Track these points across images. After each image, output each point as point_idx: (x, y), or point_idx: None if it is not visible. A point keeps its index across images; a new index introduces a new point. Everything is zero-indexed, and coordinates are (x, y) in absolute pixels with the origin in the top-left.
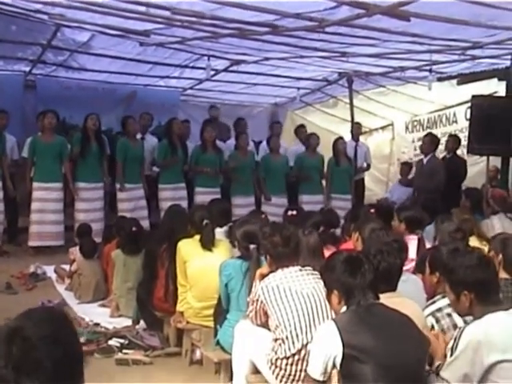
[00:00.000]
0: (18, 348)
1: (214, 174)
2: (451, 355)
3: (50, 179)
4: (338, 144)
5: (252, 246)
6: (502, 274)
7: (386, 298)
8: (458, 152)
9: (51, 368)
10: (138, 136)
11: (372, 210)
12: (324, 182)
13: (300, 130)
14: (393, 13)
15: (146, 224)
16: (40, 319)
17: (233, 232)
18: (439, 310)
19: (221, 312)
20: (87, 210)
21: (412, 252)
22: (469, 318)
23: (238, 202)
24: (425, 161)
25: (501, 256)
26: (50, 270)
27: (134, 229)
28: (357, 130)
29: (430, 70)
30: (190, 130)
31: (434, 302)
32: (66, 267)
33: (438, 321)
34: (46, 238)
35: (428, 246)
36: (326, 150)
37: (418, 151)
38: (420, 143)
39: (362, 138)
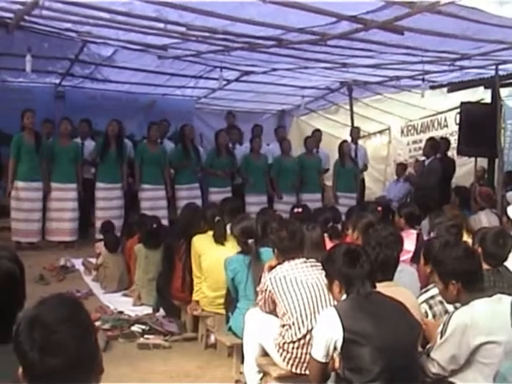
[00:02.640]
0: (38, 333)
1: (225, 176)
2: (441, 338)
3: (66, 180)
4: (344, 147)
5: (250, 241)
6: (483, 265)
7: (383, 287)
8: (449, 153)
9: (74, 347)
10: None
11: (379, 208)
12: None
13: (315, 134)
14: (388, 27)
15: (165, 222)
16: (55, 305)
17: (232, 229)
18: (432, 297)
19: (231, 301)
20: (106, 208)
21: (411, 244)
22: (458, 305)
23: (252, 200)
24: (426, 162)
25: (479, 248)
26: (78, 263)
27: (154, 225)
28: (355, 133)
29: (423, 79)
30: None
31: (427, 291)
32: (93, 260)
33: (431, 307)
34: (64, 234)
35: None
36: (329, 152)
37: (413, 153)
38: (414, 146)
39: (360, 141)
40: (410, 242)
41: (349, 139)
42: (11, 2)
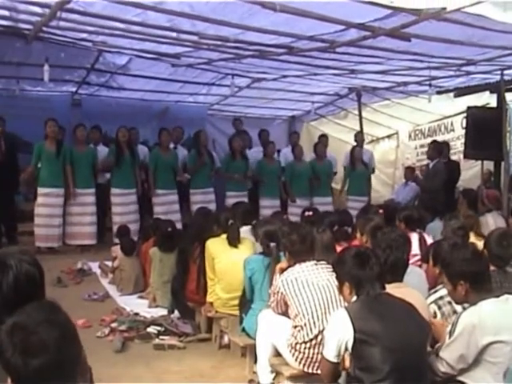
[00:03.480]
0: (18, 337)
1: (241, 180)
2: (449, 338)
3: (85, 185)
4: (355, 151)
5: (272, 244)
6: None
7: (393, 288)
8: (455, 157)
9: (54, 347)
10: (171, 146)
11: (381, 211)
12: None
13: (322, 139)
14: (395, 34)
15: (179, 226)
16: (32, 310)
17: (255, 230)
18: (441, 298)
19: (245, 302)
20: (122, 213)
21: (415, 247)
22: (467, 305)
23: (265, 204)
24: (430, 165)
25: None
26: (94, 266)
27: (169, 229)
28: (360, 137)
29: (430, 85)
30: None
31: (436, 291)
32: (109, 263)
33: (439, 308)
34: (83, 237)
35: (430, 241)
36: (338, 156)
37: (421, 157)
38: (422, 150)
39: (370, 146)
40: (413, 244)
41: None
42: (30, 13)
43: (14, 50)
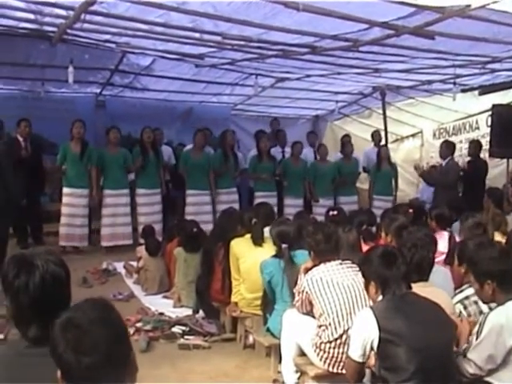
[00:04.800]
0: (71, 334)
1: (269, 180)
2: (477, 338)
3: (117, 186)
4: (382, 150)
5: (284, 246)
6: None
7: (418, 288)
8: (481, 155)
9: (106, 346)
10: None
11: (411, 210)
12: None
13: (345, 138)
14: (419, 32)
15: (209, 227)
16: (86, 308)
17: (270, 231)
18: (466, 297)
19: (267, 303)
20: (148, 213)
21: (444, 246)
22: (493, 305)
23: (289, 203)
24: (444, 163)
25: None
26: (119, 266)
27: (194, 229)
28: (377, 136)
29: (454, 83)
30: (238, 141)
31: (461, 291)
32: (134, 264)
33: (465, 308)
34: (118, 238)
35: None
36: (361, 156)
37: None
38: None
39: (394, 145)
40: (442, 243)
41: (372, 143)
42: (55, 16)
43: (38, 52)
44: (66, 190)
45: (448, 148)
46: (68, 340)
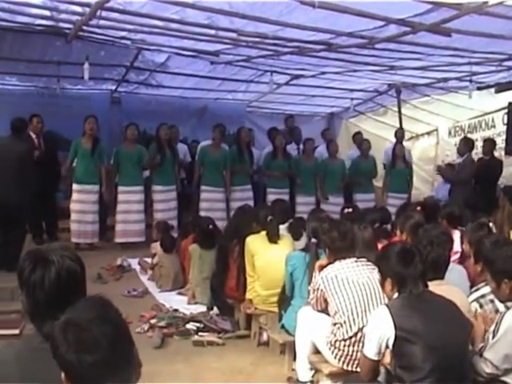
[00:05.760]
0: (72, 334)
1: (283, 177)
2: (493, 338)
3: (132, 183)
4: (396, 148)
5: (313, 240)
6: None
7: (434, 286)
8: (496, 154)
9: (106, 343)
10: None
11: (418, 208)
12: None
13: (356, 136)
14: (436, 30)
15: (223, 224)
16: (84, 307)
17: (307, 224)
18: (482, 296)
19: (284, 299)
20: (164, 209)
21: (457, 245)
22: (510, 304)
23: (301, 201)
24: (461, 160)
25: None
26: (134, 263)
27: (210, 226)
28: (400, 134)
29: (470, 80)
30: (253, 138)
31: (477, 289)
32: (149, 260)
33: (481, 306)
34: (130, 235)
35: None
36: (376, 154)
37: None
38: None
39: (409, 143)
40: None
41: (394, 140)
42: (71, 13)
43: (54, 48)
44: (76, 186)
45: (466, 145)
46: (69, 340)
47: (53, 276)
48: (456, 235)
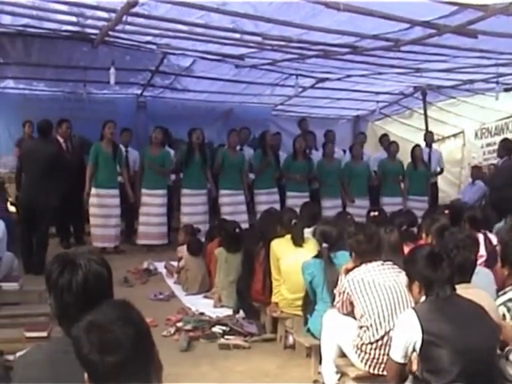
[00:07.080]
0: (95, 335)
1: (303, 180)
2: None
3: (154, 187)
4: (416, 151)
5: (324, 245)
6: None
7: (461, 289)
8: None
9: (129, 344)
10: (237, 147)
11: (446, 211)
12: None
13: (383, 138)
14: (461, 31)
15: (245, 227)
16: (107, 309)
17: (315, 229)
18: (510, 300)
19: (309, 303)
20: (191, 213)
21: (481, 248)
22: None
23: (327, 204)
24: (500, 163)
25: None
26: (160, 266)
27: (236, 230)
28: (430, 137)
29: (497, 82)
30: (281, 142)
31: (505, 293)
32: (175, 263)
33: (509, 310)
34: (151, 237)
35: (495, 242)
36: (403, 156)
37: (487, 156)
38: (489, 148)
39: (435, 145)
40: None
41: (423, 143)
42: (97, 19)
43: (80, 54)
44: (97, 190)
45: (504, 148)
46: (92, 341)
47: (80, 280)
48: (480, 238)
